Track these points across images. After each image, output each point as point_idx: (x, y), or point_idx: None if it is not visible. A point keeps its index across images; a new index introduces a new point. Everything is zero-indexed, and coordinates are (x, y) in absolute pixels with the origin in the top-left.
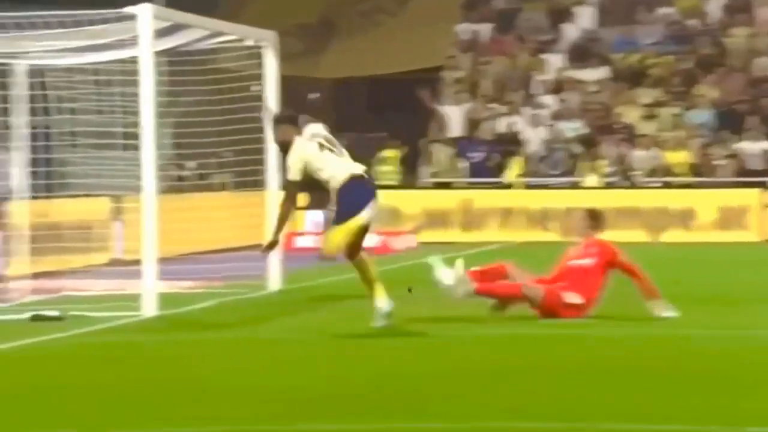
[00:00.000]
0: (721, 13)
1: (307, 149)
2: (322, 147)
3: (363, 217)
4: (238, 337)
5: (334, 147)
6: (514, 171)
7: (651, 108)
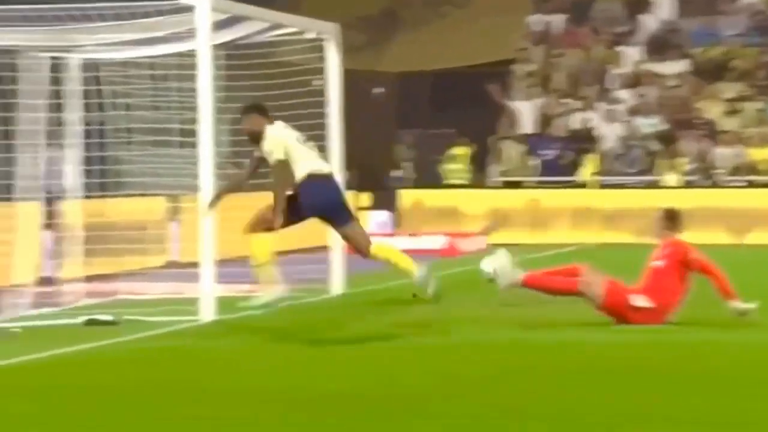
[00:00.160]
0: None
1: (285, 134)
2: (297, 139)
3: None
4: (297, 343)
5: (305, 143)
6: (588, 169)
7: (734, 103)
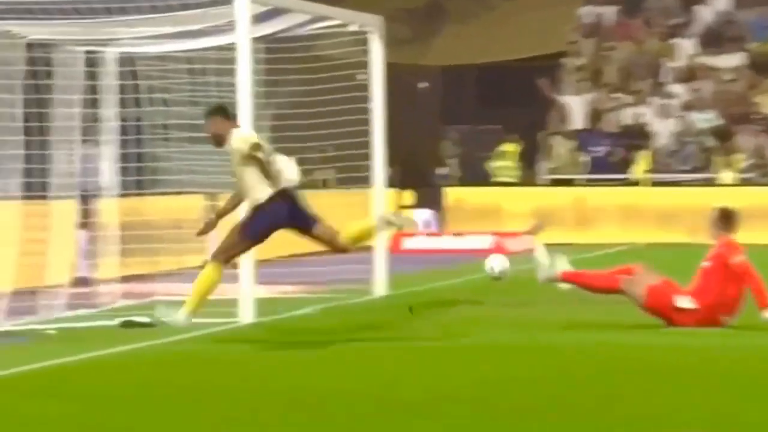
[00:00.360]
0: None
1: (253, 134)
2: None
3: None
4: (339, 346)
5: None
6: (640, 167)
7: None
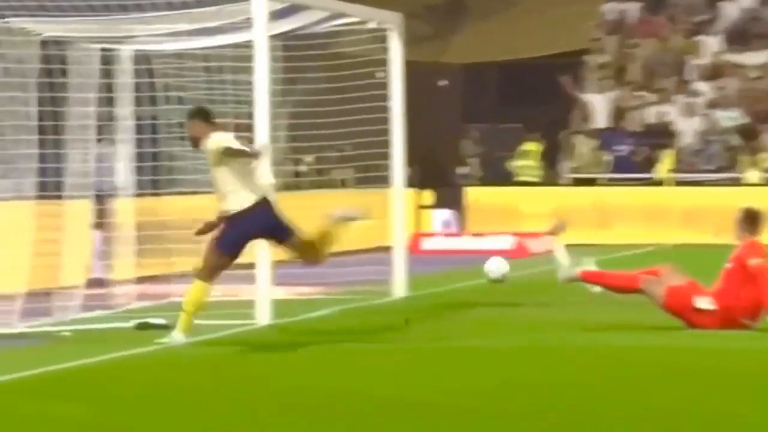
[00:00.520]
0: None
1: (228, 139)
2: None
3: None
4: (357, 348)
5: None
6: (664, 166)
7: None
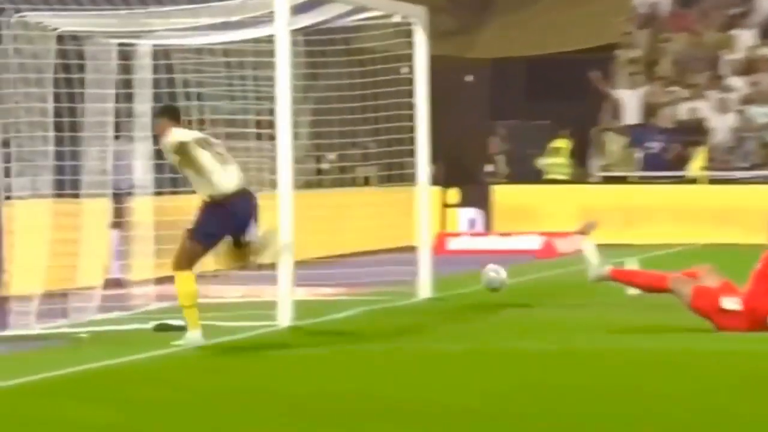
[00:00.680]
0: None
1: (190, 134)
2: (206, 145)
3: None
4: (380, 350)
5: (220, 151)
6: (697, 163)
7: None
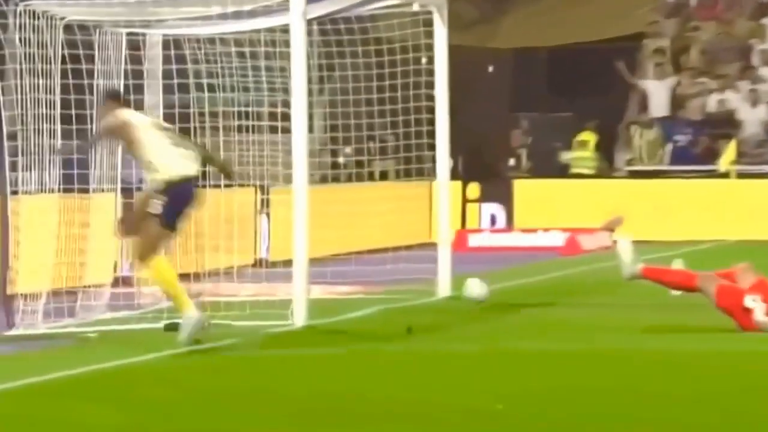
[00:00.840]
0: None
1: (134, 116)
2: (158, 128)
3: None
4: (397, 350)
5: (171, 134)
6: (727, 157)
7: None
